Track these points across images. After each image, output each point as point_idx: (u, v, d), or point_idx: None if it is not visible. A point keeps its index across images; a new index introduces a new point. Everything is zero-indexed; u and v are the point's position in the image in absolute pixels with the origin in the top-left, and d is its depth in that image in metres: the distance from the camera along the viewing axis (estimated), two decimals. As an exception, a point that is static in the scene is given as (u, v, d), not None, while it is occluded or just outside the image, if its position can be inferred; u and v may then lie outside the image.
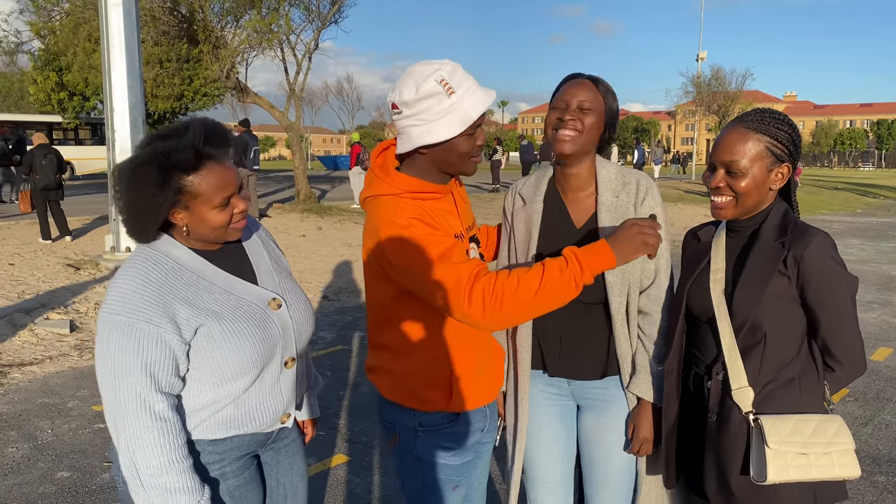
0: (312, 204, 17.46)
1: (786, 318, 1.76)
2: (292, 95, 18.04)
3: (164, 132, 1.63)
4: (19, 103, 37.65)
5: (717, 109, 43.44)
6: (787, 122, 1.78)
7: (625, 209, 2.04)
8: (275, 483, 1.93)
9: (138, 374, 1.54)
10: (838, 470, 1.69)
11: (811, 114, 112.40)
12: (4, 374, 5.33)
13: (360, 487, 3.64)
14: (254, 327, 1.69)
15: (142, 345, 1.55)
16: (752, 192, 1.78)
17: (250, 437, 1.77)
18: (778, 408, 1.76)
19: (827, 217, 19.09)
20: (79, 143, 29.74)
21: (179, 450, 1.58)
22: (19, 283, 8.15)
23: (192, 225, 1.66)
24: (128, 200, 1.61)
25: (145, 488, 1.55)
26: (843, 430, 1.73)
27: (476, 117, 1.75)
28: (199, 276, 1.67)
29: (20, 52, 19.85)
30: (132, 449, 1.54)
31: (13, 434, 4.29)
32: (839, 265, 1.72)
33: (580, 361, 2.08)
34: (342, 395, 5.02)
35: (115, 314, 1.56)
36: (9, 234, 12.08)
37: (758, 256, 1.80)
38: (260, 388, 1.74)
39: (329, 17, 17.29)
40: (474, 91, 1.77)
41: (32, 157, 11.30)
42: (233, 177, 1.66)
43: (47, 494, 3.53)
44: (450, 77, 1.73)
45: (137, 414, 1.54)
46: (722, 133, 1.84)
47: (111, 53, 9.14)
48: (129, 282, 1.59)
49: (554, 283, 1.66)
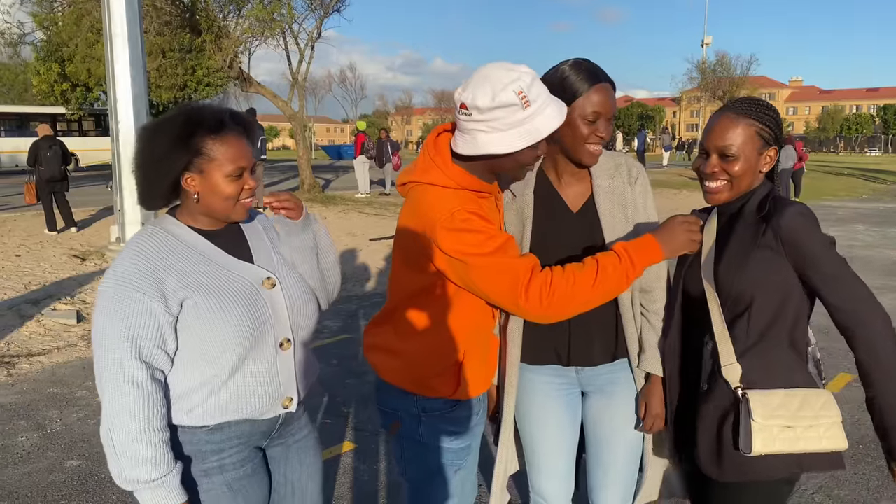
0: (316, 193, 17.47)
1: (768, 287, 1.80)
2: (295, 85, 18.01)
3: (193, 103, 1.74)
4: (23, 95, 37.60)
5: (723, 95, 43.27)
6: (771, 108, 1.88)
7: (622, 190, 2.06)
8: (282, 479, 1.91)
9: (122, 342, 1.58)
10: (825, 442, 1.75)
11: (817, 99, 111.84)
12: (13, 365, 5.36)
13: (367, 474, 3.66)
14: (241, 303, 1.70)
15: (128, 312, 1.59)
16: (745, 174, 1.86)
17: (250, 426, 1.76)
18: (768, 379, 1.81)
19: (833, 203, 19.01)
20: (83, 135, 29.79)
21: (155, 421, 1.59)
22: (26, 275, 8.18)
23: (202, 193, 1.70)
24: (147, 155, 1.68)
25: (117, 455, 1.57)
26: (831, 403, 1.77)
27: (547, 134, 1.73)
28: (193, 250, 1.71)
29: (23, 44, 19.85)
30: (110, 415, 1.57)
31: (22, 423, 4.32)
32: (817, 229, 1.77)
33: (593, 347, 2.08)
34: (349, 383, 5.05)
35: (109, 284, 1.62)
36: (15, 225, 12.13)
37: (740, 233, 1.87)
38: (254, 370, 1.73)
39: (331, 6, 17.25)
40: (548, 105, 1.73)
41: (37, 148, 11.32)
42: (249, 153, 1.73)
43: (57, 483, 3.56)
44: (528, 89, 1.69)
45: (117, 381, 1.57)
46: (712, 120, 1.91)
47: (114, 44, 9.12)
48: (125, 255, 1.65)
49: (608, 278, 1.71)
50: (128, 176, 9.31)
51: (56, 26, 18.92)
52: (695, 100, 60.37)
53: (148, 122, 1.71)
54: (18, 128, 28.22)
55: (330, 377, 5.16)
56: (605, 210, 2.04)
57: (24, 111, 30.14)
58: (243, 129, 1.73)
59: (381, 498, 3.45)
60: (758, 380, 1.82)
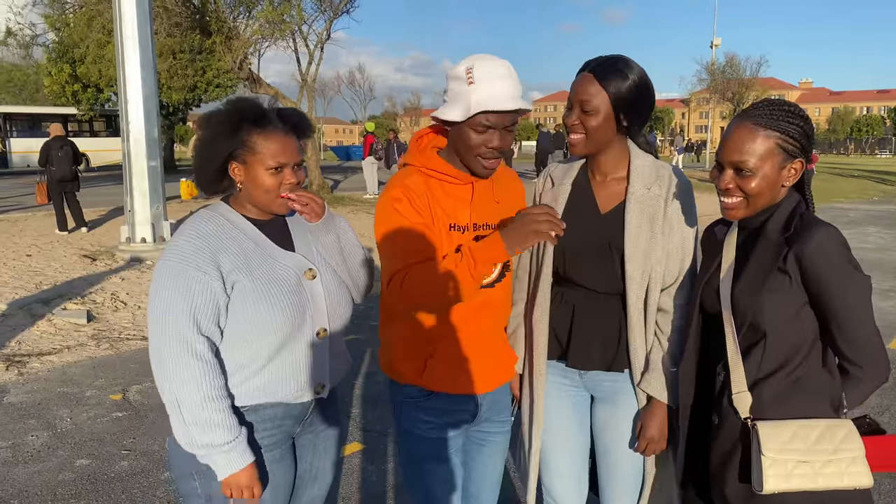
0: (325, 194, 17.51)
1: (787, 316, 1.67)
2: (305, 86, 18.06)
3: (247, 97, 1.86)
4: (35, 96, 37.91)
5: (732, 97, 43.08)
6: (798, 114, 1.67)
7: (655, 202, 1.99)
8: (307, 466, 1.99)
9: (184, 316, 1.66)
10: (847, 479, 1.60)
11: (827, 100, 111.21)
12: (24, 364, 5.40)
13: (375, 475, 3.66)
14: (286, 291, 1.78)
15: (190, 289, 1.67)
16: (763, 192, 1.68)
17: (283, 410, 1.84)
18: (780, 410, 1.69)
19: (843, 205, 18.90)
20: (93, 135, 29.97)
21: (218, 389, 1.68)
22: (37, 274, 8.24)
23: (245, 182, 1.79)
24: (201, 143, 1.78)
25: (186, 423, 1.66)
26: (853, 435, 1.63)
27: (476, 111, 1.81)
28: (246, 237, 1.80)
29: (35, 45, 19.98)
30: (175, 386, 1.65)
31: (33, 422, 4.35)
32: (845, 260, 1.63)
33: (591, 351, 2.06)
34: (356, 383, 5.05)
35: (169, 260, 1.70)
36: (26, 225, 12.21)
37: (761, 253, 1.72)
38: (292, 356, 1.81)
39: (341, 7, 17.29)
40: (492, 90, 1.81)
41: (49, 148, 11.39)
42: (294, 150, 1.79)
43: (67, 482, 3.58)
44: (477, 70, 1.82)
45: (180, 353, 1.65)
46: (728, 129, 1.73)
47: (125, 45, 9.18)
48: (184, 234, 1.74)
49: (452, 275, 1.81)
50: (138, 176, 9.37)
51: (68, 27, 19.05)
52: (704, 101, 60.13)
53: (211, 109, 1.81)
54: (30, 128, 28.43)
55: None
56: (631, 218, 1.98)
57: (36, 112, 30.37)
58: (291, 126, 1.81)
59: (389, 499, 3.45)
60: (770, 411, 1.69)
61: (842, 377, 1.73)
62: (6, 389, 4.90)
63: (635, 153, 2.04)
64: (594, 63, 1.95)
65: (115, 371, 5.29)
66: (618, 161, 2.04)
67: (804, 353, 1.70)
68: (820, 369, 1.71)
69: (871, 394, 1.75)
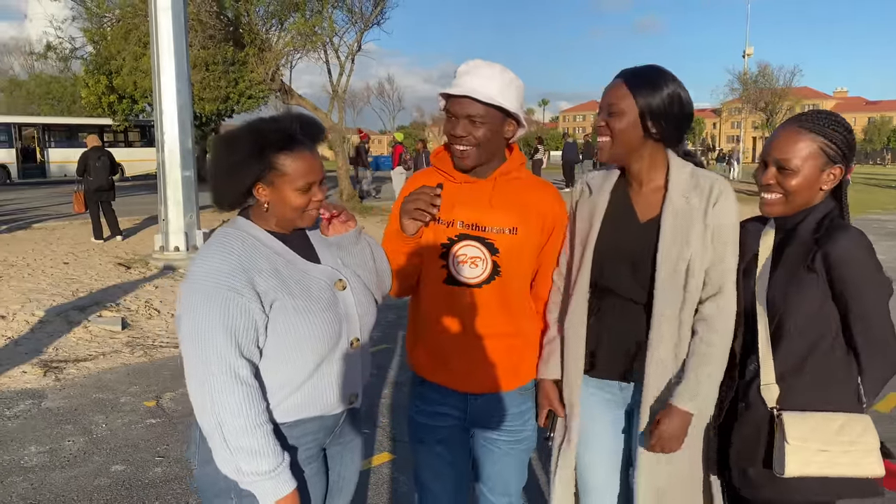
0: (355, 204, 17.61)
1: (812, 311, 1.79)
2: (335, 97, 18.22)
3: (266, 117, 1.81)
4: (71, 107, 38.75)
5: (765, 107, 42.55)
6: (842, 124, 1.81)
7: (693, 212, 1.95)
8: (336, 477, 1.97)
9: (223, 338, 1.60)
10: (861, 468, 1.75)
11: (863, 110, 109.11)
12: (60, 370, 5.50)
13: (406, 486, 3.65)
14: (325, 305, 1.76)
15: (227, 310, 1.61)
16: (802, 190, 1.81)
17: (318, 423, 1.81)
18: (805, 402, 1.80)
19: (881, 216, 18.50)
20: (128, 145, 30.56)
21: (262, 414, 1.63)
22: (73, 282, 8.40)
23: (272, 202, 1.76)
24: (217, 164, 1.75)
25: (230, 450, 1.60)
26: (870, 429, 1.77)
27: (441, 102, 2.07)
28: (275, 253, 1.76)
29: (74, 58, 20.45)
30: (217, 410, 1.59)
31: (69, 428, 4.42)
32: (868, 261, 1.75)
33: (626, 361, 2.03)
34: (386, 393, 5.05)
35: (202, 280, 1.63)
36: (63, 234, 12.47)
37: (793, 253, 1.84)
38: (330, 369, 1.79)
39: (371, 19, 17.42)
40: (455, 80, 2.02)
41: (87, 158, 11.63)
42: (319, 167, 1.78)
43: (102, 487, 3.63)
44: (461, 69, 2.02)
45: (223, 376, 1.59)
46: (776, 131, 1.88)
47: (160, 57, 9.36)
48: (213, 253, 1.68)
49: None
50: (172, 186, 9.52)
51: (105, 40, 19.46)
52: (736, 111, 59.43)
53: (224, 130, 1.76)
54: (67, 139, 29.07)
55: (367, 387, 5.16)
56: (667, 228, 1.95)
57: (73, 122, 31.07)
58: (316, 136, 1.80)
59: (419, 510, 3.44)
60: (795, 402, 1.80)
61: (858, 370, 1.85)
62: (44, 395, 4.99)
63: (675, 163, 2.02)
64: (628, 71, 1.99)
65: (149, 378, 5.36)
66: (652, 170, 2.03)
67: (827, 347, 1.81)
68: (841, 363, 1.82)
69: (883, 386, 1.86)
